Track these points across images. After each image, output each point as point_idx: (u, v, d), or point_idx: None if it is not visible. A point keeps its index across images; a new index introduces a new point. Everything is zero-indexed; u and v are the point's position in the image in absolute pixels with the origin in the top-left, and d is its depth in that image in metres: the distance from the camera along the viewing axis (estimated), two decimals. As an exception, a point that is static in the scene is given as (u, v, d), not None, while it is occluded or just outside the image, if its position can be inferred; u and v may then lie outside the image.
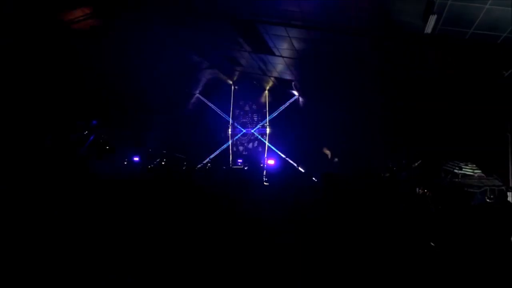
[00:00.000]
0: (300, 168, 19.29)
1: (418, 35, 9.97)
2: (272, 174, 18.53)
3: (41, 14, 11.15)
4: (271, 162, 19.00)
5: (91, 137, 15.38)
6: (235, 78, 21.31)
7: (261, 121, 21.22)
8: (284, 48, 14.75)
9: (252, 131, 21.31)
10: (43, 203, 8.00)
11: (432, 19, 9.13)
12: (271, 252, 5.37)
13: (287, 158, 20.09)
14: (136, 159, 18.84)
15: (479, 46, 10.20)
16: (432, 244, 7.05)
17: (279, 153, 20.29)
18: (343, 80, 16.12)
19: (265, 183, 17.17)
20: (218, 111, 22.17)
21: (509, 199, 8.61)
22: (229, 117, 21.93)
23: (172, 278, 4.79)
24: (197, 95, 22.49)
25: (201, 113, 22.31)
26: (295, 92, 20.21)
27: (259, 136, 21.21)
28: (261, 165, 19.87)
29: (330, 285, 4.35)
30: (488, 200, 8.47)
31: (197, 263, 5.22)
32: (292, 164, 19.88)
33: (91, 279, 4.71)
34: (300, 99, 20.48)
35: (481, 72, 11.29)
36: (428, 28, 9.52)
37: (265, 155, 20.60)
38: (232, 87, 21.93)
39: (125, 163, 18.50)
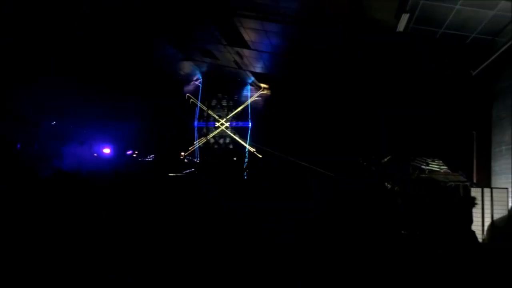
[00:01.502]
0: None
1: (391, 32, 10.16)
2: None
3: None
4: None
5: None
6: (209, 71, 21.14)
7: (235, 115, 21.14)
8: (259, 42, 14.75)
9: (224, 125, 21.22)
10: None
11: (405, 18, 9.33)
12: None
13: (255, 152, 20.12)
14: (107, 151, 18.46)
15: (449, 46, 10.49)
16: (403, 232, 7.31)
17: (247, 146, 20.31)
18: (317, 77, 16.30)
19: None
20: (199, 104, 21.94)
21: (472, 194, 8.97)
22: (203, 110, 21.72)
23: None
24: (174, 86, 22.07)
25: (174, 106, 21.99)
26: (267, 86, 20.24)
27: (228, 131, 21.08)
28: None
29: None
30: (453, 194, 8.80)
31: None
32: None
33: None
34: (275, 93, 20.50)
35: (450, 72, 11.63)
36: (401, 26, 9.73)
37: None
38: (206, 80, 21.70)
39: (95, 155, 18.12)
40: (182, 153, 20.55)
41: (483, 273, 6.14)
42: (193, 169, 18.64)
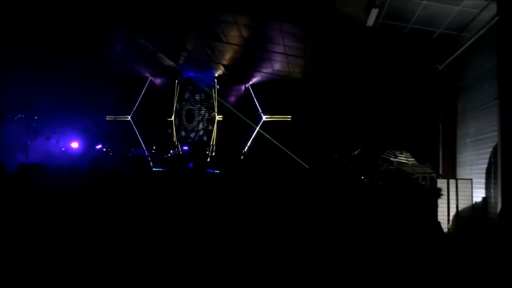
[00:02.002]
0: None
1: (361, 27, 10.31)
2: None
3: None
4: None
5: None
6: (181, 64, 20.85)
7: (209, 110, 20.98)
8: (232, 35, 14.66)
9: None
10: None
11: (374, 12, 9.48)
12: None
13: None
14: (75, 145, 18.01)
15: (417, 41, 10.74)
16: (371, 225, 7.48)
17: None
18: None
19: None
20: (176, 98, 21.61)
21: (438, 185, 9.24)
22: (174, 105, 21.41)
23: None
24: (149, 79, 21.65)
25: (146, 100, 21.59)
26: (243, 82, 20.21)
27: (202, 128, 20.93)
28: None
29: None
30: (421, 185, 9.04)
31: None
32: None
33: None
34: (249, 89, 20.47)
35: (418, 66, 11.94)
36: (370, 21, 9.88)
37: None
38: (179, 73, 21.40)
39: (63, 149, 17.65)
40: (154, 147, 20.26)
41: (447, 262, 6.38)
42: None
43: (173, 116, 21.26)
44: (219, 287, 4.48)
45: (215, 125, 20.70)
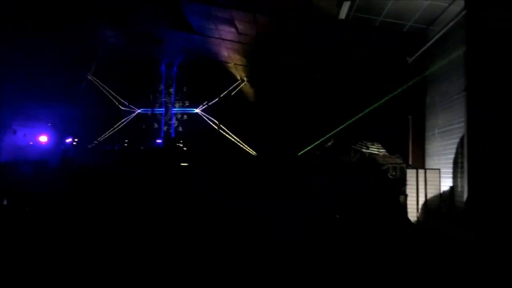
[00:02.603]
0: None
1: (333, 20, 10.40)
2: None
3: None
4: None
5: None
6: (154, 56, 20.49)
7: (181, 101, 20.73)
8: (205, 26, 14.52)
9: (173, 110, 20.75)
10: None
11: (346, 6, 9.58)
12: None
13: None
14: (44, 139, 17.48)
15: (387, 34, 10.92)
16: (336, 216, 7.66)
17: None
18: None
19: None
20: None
21: (408, 175, 9.45)
22: (147, 96, 21.05)
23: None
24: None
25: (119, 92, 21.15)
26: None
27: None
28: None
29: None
30: (390, 176, 9.27)
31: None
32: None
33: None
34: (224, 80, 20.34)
35: (388, 59, 12.14)
36: (342, 14, 9.98)
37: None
38: (152, 65, 21.03)
39: (31, 143, 17.12)
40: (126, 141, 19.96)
41: (415, 249, 6.61)
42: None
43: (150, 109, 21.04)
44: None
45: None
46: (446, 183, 9.60)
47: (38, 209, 7.94)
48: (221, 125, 19.05)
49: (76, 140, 19.37)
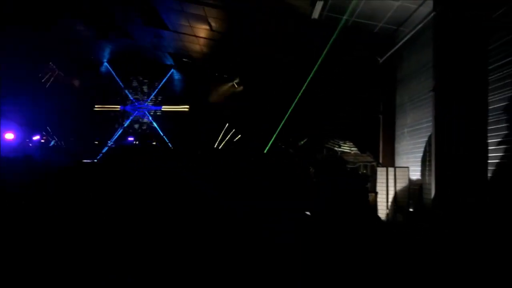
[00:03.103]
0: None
1: (306, 19, 10.48)
2: None
3: None
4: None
5: None
6: (125, 52, 20.12)
7: (154, 98, 20.43)
8: (178, 23, 14.35)
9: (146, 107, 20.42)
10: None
11: (319, 5, 9.68)
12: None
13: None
14: (10, 136, 16.89)
15: (359, 34, 11.09)
16: (307, 213, 7.76)
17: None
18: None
19: None
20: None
21: (378, 173, 9.62)
22: (118, 92, 20.63)
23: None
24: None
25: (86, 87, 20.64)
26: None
27: (147, 114, 20.33)
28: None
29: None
30: (361, 173, 9.41)
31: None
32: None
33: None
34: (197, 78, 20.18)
35: (359, 59, 12.35)
36: (315, 13, 10.07)
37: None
38: (120, 60, 20.62)
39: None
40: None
41: (384, 245, 6.77)
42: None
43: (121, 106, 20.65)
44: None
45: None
46: (415, 181, 9.85)
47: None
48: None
49: (44, 138, 18.80)
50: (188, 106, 19.83)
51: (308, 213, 8.35)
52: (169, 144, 19.91)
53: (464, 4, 7.63)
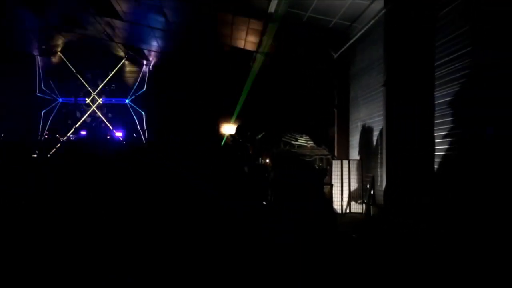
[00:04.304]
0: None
1: (262, 14, 10.50)
2: None
3: None
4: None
5: None
6: (78, 42, 19.27)
7: (109, 91, 19.72)
8: (133, 13, 13.94)
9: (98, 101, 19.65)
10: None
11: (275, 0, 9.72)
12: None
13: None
14: None
15: (314, 29, 11.25)
16: (264, 203, 7.88)
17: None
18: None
19: None
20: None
21: (333, 165, 9.82)
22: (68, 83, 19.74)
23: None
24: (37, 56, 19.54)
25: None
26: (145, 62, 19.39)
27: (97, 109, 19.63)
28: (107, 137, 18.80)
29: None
30: (317, 166, 9.59)
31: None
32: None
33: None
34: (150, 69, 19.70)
35: (315, 54, 12.54)
36: (272, 8, 10.11)
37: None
38: (70, 51, 19.73)
39: None
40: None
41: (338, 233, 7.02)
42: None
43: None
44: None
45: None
46: (367, 173, 10.18)
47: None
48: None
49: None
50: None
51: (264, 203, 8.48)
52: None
53: (412, 3, 7.93)
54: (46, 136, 19.19)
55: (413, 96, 7.98)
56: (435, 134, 7.33)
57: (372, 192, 9.73)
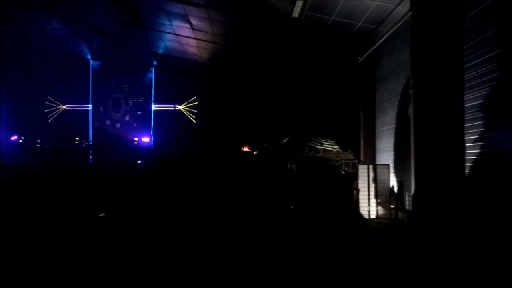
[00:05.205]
0: None
1: (287, 18, 10.52)
2: None
3: None
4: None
5: None
6: (105, 52, 19.70)
7: (141, 101, 20.07)
8: (159, 21, 14.21)
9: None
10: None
11: (299, 4, 9.72)
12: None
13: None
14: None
15: (339, 33, 11.19)
16: (291, 207, 7.90)
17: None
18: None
19: None
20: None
21: (360, 170, 9.74)
22: (97, 96, 20.24)
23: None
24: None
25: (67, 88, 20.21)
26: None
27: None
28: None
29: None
30: (343, 171, 9.55)
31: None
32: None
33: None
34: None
35: (339, 58, 12.46)
36: (296, 12, 10.12)
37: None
38: (102, 62, 20.19)
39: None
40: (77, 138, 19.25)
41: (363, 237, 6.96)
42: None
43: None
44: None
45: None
46: (395, 178, 10.01)
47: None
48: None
49: (22, 138, 18.45)
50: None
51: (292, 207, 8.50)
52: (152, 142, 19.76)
53: (438, 5, 7.79)
54: (76, 142, 19.72)
55: (442, 100, 7.82)
56: (466, 138, 7.15)
57: (400, 197, 9.56)
